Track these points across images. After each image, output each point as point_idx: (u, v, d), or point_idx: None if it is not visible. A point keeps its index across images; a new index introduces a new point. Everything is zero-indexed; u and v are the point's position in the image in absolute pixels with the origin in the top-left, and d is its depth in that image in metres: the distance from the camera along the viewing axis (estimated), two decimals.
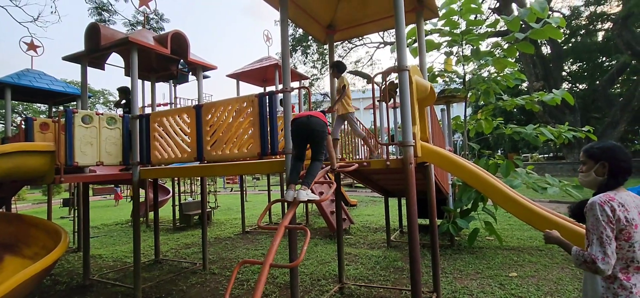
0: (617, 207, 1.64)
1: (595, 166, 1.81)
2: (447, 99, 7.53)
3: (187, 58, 5.65)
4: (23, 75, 6.88)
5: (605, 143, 1.84)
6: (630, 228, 1.64)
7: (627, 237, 1.64)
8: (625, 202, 1.67)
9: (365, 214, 10.83)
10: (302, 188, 2.88)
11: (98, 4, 9.21)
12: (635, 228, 1.65)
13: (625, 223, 1.64)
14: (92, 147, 4.43)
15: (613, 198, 1.66)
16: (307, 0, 4.21)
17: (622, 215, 1.64)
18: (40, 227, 4.81)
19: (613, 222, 1.63)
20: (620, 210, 1.64)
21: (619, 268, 1.66)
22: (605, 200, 1.66)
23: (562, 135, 6.71)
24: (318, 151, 3.00)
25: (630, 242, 1.64)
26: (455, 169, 3.23)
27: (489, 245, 6.60)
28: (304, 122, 2.98)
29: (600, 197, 1.69)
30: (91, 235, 9.58)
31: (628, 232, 1.64)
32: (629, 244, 1.64)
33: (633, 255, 1.65)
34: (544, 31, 6.16)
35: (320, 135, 2.96)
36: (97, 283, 5.32)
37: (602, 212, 1.64)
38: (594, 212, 1.66)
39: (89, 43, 5.06)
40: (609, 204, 1.64)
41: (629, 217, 1.64)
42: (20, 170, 3.88)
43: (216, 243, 7.94)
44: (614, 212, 1.63)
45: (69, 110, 4.24)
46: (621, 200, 1.66)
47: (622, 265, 1.66)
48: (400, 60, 3.12)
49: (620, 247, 1.65)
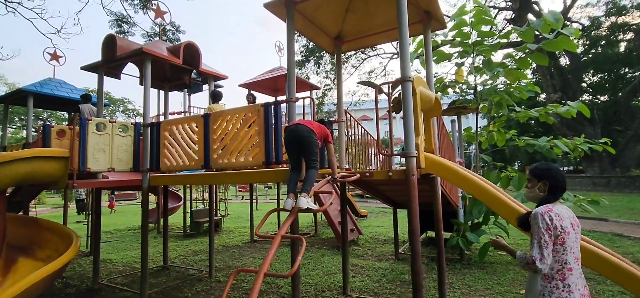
0: (555, 217, 1.96)
1: (538, 184, 2.16)
2: (458, 110, 7.44)
3: (199, 68, 5.78)
4: (45, 84, 7.18)
5: (547, 165, 2.21)
6: (564, 235, 1.97)
7: (562, 242, 1.97)
8: (561, 213, 2.01)
9: (375, 225, 10.72)
10: (302, 195, 2.89)
11: (118, 16, 9.55)
12: (568, 235, 1.98)
13: (560, 231, 1.96)
14: (104, 153, 4.56)
15: (551, 210, 2.00)
16: (314, 13, 4.27)
17: (558, 224, 1.96)
18: (53, 231, 4.94)
19: (551, 229, 1.95)
20: (557, 219, 1.96)
21: (555, 270, 1.98)
22: (545, 211, 1.99)
23: (578, 147, 6.51)
24: (310, 158, 3.03)
25: (564, 246, 1.97)
26: (460, 181, 3.18)
27: (501, 261, 6.42)
28: (292, 130, 3.07)
29: (541, 209, 2.02)
30: (104, 240, 9.80)
31: (562, 238, 1.97)
32: (563, 248, 1.97)
33: (566, 258, 1.98)
34: (558, 42, 6.03)
35: (308, 141, 3.00)
36: (106, 288, 5.42)
37: (542, 220, 1.96)
38: (536, 221, 1.98)
39: (105, 53, 5.25)
40: (548, 214, 1.97)
41: (563, 225, 1.98)
42: (36, 175, 4.02)
43: (224, 251, 7.99)
44: (552, 221, 1.95)
45: (84, 118, 4.40)
46: (557, 212, 2.00)
47: (557, 267, 1.98)
48: (404, 70, 3.11)
49: (556, 251, 1.98)
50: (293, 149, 3.10)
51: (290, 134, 3.09)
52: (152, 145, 4.78)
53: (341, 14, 4.53)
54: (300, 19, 4.19)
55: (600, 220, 10.28)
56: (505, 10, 20.16)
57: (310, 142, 3.05)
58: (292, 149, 3.11)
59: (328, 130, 3.47)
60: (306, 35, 4.57)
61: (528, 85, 7.26)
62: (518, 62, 6.67)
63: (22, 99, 6.96)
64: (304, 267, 6.41)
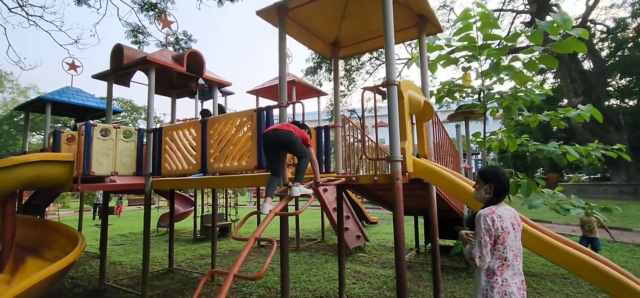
0: (496, 218, 2.18)
1: (485, 186, 2.36)
2: (465, 115, 7.29)
3: (203, 75, 5.93)
4: (62, 92, 7.54)
5: (493, 168, 2.40)
6: (504, 235, 2.18)
7: (502, 241, 2.18)
8: (503, 215, 2.22)
9: (384, 232, 10.58)
10: (294, 184, 2.94)
11: (134, 27, 9.91)
12: (508, 234, 2.19)
13: (501, 231, 2.17)
14: (108, 158, 4.74)
15: (494, 211, 2.21)
16: (309, 20, 4.31)
17: (499, 225, 2.17)
18: (61, 232, 5.16)
19: (491, 230, 2.16)
20: (498, 220, 2.18)
21: (496, 266, 2.19)
22: (488, 212, 2.20)
23: (591, 154, 6.23)
24: (296, 152, 3.09)
25: (504, 245, 2.18)
26: (448, 186, 3.11)
27: None
28: (270, 135, 3.12)
29: (485, 210, 2.23)
30: (118, 243, 10.11)
31: (502, 237, 2.18)
32: (503, 247, 2.19)
33: (506, 256, 2.19)
34: (566, 45, 5.81)
35: (289, 141, 3.06)
36: (111, 289, 5.58)
37: (484, 221, 2.18)
38: (479, 221, 2.20)
39: (113, 62, 5.47)
40: (490, 216, 2.18)
41: (504, 225, 2.19)
42: (42, 178, 4.22)
43: (230, 255, 8.08)
44: (493, 223, 2.17)
45: (89, 124, 4.59)
46: (500, 213, 2.21)
47: (498, 264, 2.19)
48: (389, 75, 3.10)
49: (497, 249, 2.19)
50: (273, 153, 3.14)
51: (268, 139, 3.13)
52: (154, 150, 4.92)
53: (337, 21, 4.55)
54: (294, 26, 4.24)
55: (624, 229, 9.76)
56: (523, 13, 19.66)
57: (292, 141, 3.10)
58: (271, 153, 3.15)
59: (307, 133, 3.48)
60: (302, 42, 4.61)
61: (539, 89, 7.04)
62: (526, 65, 6.48)
63: (41, 107, 7.32)
64: (306, 272, 6.40)
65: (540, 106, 17.47)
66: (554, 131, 27.50)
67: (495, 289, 2.16)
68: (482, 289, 2.22)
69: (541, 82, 25.77)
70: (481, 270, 2.22)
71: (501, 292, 2.16)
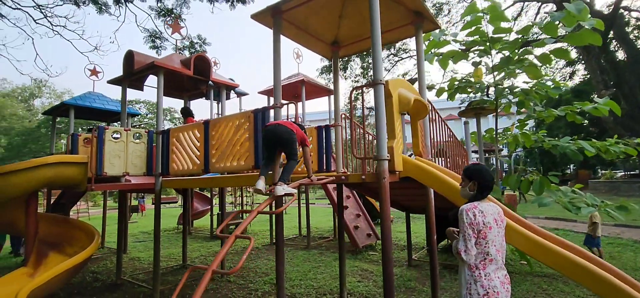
0: (478, 213, 2.24)
1: (469, 183, 2.41)
2: (476, 112, 7.12)
3: (210, 78, 6.13)
4: (84, 97, 7.99)
5: (478, 166, 2.46)
6: (485, 230, 2.23)
7: (484, 236, 2.23)
8: (485, 210, 2.28)
9: (397, 231, 10.49)
10: (279, 184, 3.02)
11: (151, 32, 10.32)
12: (490, 229, 2.24)
13: (482, 226, 2.23)
14: (119, 159, 5.00)
15: (476, 207, 2.27)
16: (306, 22, 4.36)
17: (480, 220, 2.23)
18: (81, 229, 5.50)
19: (474, 224, 2.23)
20: (480, 215, 2.24)
21: (479, 261, 2.24)
22: (470, 207, 2.27)
23: (610, 149, 5.94)
24: (290, 153, 3.18)
25: (486, 240, 2.23)
26: (438, 184, 3.09)
27: (519, 270, 6.02)
28: (272, 129, 3.22)
29: (467, 206, 2.29)
30: (140, 240, 10.59)
31: (484, 232, 2.23)
32: (485, 241, 2.23)
33: (488, 250, 2.24)
34: (581, 36, 5.56)
35: (288, 139, 3.15)
36: (127, 283, 5.89)
37: (466, 216, 2.24)
38: (461, 216, 2.27)
39: (126, 67, 5.76)
40: (472, 211, 2.25)
41: (486, 220, 2.24)
42: (59, 178, 4.53)
43: (242, 253, 8.26)
44: (475, 217, 2.23)
45: (101, 127, 4.87)
46: (482, 209, 2.27)
47: (480, 258, 2.24)
48: (376, 73, 3.11)
49: (479, 243, 2.24)
50: (270, 145, 3.27)
51: (270, 132, 3.24)
52: (163, 150, 5.14)
53: (335, 20, 4.57)
54: (291, 28, 4.30)
55: None
56: (548, 2, 18.80)
57: (291, 140, 3.20)
58: (270, 145, 3.27)
59: (305, 134, 3.56)
60: (300, 43, 4.68)
61: (555, 83, 6.77)
62: (540, 58, 6.25)
63: (66, 111, 7.79)
64: (313, 270, 6.48)
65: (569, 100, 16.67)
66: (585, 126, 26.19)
67: (479, 283, 2.20)
68: (466, 283, 2.25)
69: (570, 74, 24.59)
70: (465, 265, 2.26)
71: (485, 286, 2.19)
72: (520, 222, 2.96)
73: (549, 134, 22.37)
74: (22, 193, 4.29)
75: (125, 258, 8.18)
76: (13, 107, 40.67)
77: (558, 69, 24.05)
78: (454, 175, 3.49)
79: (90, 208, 18.37)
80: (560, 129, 24.73)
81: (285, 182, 3.00)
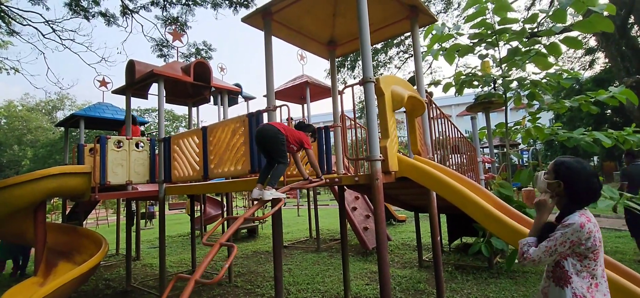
0: (593, 227, 1.66)
1: (553, 180, 1.81)
2: (484, 106, 6.88)
3: (211, 84, 6.15)
4: (94, 108, 8.18)
5: (574, 161, 1.79)
6: (600, 249, 1.69)
7: (596, 257, 1.68)
8: (594, 220, 1.70)
9: (409, 231, 10.29)
10: (266, 188, 2.98)
11: (158, 41, 10.49)
12: (601, 244, 1.71)
13: (598, 244, 1.67)
14: (122, 168, 5.07)
15: (590, 220, 1.68)
16: (298, 22, 4.30)
17: (597, 235, 1.67)
18: (90, 238, 5.60)
19: (575, 245, 1.66)
20: (596, 230, 1.67)
21: (586, 287, 1.67)
22: (585, 221, 1.65)
23: (629, 139, 5.62)
24: (277, 155, 3.13)
25: (597, 261, 1.70)
26: (434, 184, 2.96)
27: (536, 270, 5.76)
28: (259, 130, 3.22)
29: (583, 219, 1.66)
30: (155, 246, 10.76)
31: (598, 251, 1.68)
32: (595, 263, 1.69)
33: (595, 273, 1.70)
34: (590, 23, 5.27)
35: (273, 139, 3.11)
36: (137, 290, 5.96)
37: (576, 232, 1.64)
38: (573, 229, 1.65)
39: (128, 77, 5.84)
40: (588, 226, 1.65)
41: (598, 236, 1.69)
42: (63, 189, 4.61)
43: (253, 257, 8.29)
44: (590, 236, 1.64)
45: (103, 137, 4.94)
46: (594, 220, 1.70)
47: (587, 284, 1.68)
48: (366, 71, 3.01)
49: (588, 266, 1.68)
50: (261, 148, 3.29)
51: (258, 134, 3.26)
52: (165, 158, 5.18)
53: (329, 19, 4.49)
54: (283, 29, 4.26)
55: None
56: None
57: (276, 140, 3.15)
58: (260, 148, 3.30)
59: (306, 136, 3.48)
60: (295, 44, 4.62)
61: (568, 73, 6.48)
62: (548, 48, 5.98)
63: (77, 122, 7.99)
64: (321, 273, 6.40)
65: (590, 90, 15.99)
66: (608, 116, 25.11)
67: None
68: None
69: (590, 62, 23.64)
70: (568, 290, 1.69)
71: None
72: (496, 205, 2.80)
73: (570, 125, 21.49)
74: (27, 204, 4.39)
75: (138, 264, 8.32)
76: (38, 120, 42.41)
77: (576, 58, 23.19)
78: (455, 175, 3.35)
79: (108, 216, 18.85)
80: (582, 120, 23.81)
81: (274, 187, 2.94)
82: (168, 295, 2.34)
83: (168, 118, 38.88)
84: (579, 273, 1.67)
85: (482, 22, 6.30)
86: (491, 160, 7.26)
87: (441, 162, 4.97)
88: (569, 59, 22.76)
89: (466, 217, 4.23)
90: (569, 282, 1.67)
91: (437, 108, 4.60)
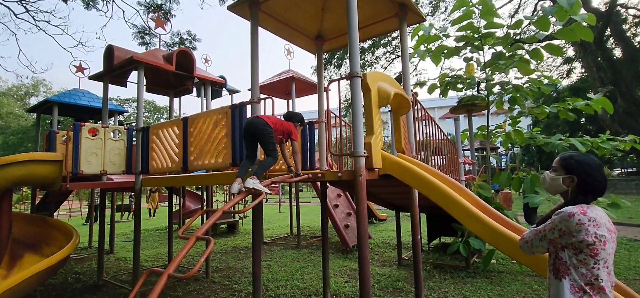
0: (588, 221, 1.60)
1: (565, 176, 1.79)
2: (467, 108, 6.98)
3: (194, 74, 5.97)
4: (68, 94, 7.82)
5: (585, 158, 1.78)
6: (599, 245, 1.60)
7: (594, 253, 1.61)
8: (597, 217, 1.63)
9: (390, 229, 10.38)
10: (251, 177, 2.91)
11: (140, 28, 10.15)
12: (604, 244, 1.61)
13: (594, 239, 1.59)
14: (97, 157, 4.85)
15: (585, 212, 1.62)
16: (286, 14, 4.22)
17: (592, 231, 1.60)
18: (60, 229, 5.34)
19: (565, 235, 1.64)
20: (590, 224, 1.60)
21: (584, 283, 1.63)
22: (577, 211, 1.62)
23: (602, 146, 5.82)
24: (266, 148, 3.11)
25: (596, 258, 1.61)
26: (417, 183, 2.95)
27: (511, 270, 5.90)
28: (248, 122, 3.19)
29: (574, 208, 1.64)
30: (128, 240, 10.43)
31: (596, 248, 1.60)
32: (594, 260, 1.61)
33: (597, 274, 1.61)
34: (572, 31, 5.42)
35: (262, 132, 3.09)
36: (109, 284, 5.74)
37: (566, 221, 1.63)
38: (563, 219, 1.64)
39: (106, 63, 5.60)
40: (579, 218, 1.61)
41: (599, 233, 1.60)
42: (31, 177, 4.37)
43: (231, 252, 8.15)
44: (583, 227, 1.60)
45: (77, 124, 4.71)
46: (593, 215, 1.62)
47: (585, 281, 1.62)
48: (353, 66, 2.97)
49: (585, 262, 1.62)
50: (248, 140, 3.22)
51: (247, 125, 3.21)
52: (142, 148, 4.99)
53: (318, 13, 4.43)
54: (271, 21, 4.16)
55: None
56: None
57: (264, 132, 3.12)
58: (247, 140, 3.23)
59: (294, 127, 3.44)
60: (282, 36, 4.53)
61: (549, 80, 6.65)
62: (531, 53, 6.12)
63: (50, 108, 7.62)
64: (300, 270, 6.34)
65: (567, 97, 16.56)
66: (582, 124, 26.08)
67: None
68: None
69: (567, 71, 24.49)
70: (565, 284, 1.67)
71: None
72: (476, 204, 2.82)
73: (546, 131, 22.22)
74: None
75: (112, 258, 8.04)
76: (10, 105, 40.46)
77: (555, 67, 23.98)
78: (438, 174, 3.35)
79: (83, 207, 18.19)
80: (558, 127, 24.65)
81: (258, 177, 2.87)
82: (140, 290, 2.22)
83: (149, 109, 37.82)
84: (577, 268, 1.64)
85: (469, 25, 6.39)
86: (472, 162, 7.39)
87: (424, 162, 4.99)
88: (548, 67, 23.50)
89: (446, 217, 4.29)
90: (567, 274, 1.67)
91: (422, 108, 4.61)
